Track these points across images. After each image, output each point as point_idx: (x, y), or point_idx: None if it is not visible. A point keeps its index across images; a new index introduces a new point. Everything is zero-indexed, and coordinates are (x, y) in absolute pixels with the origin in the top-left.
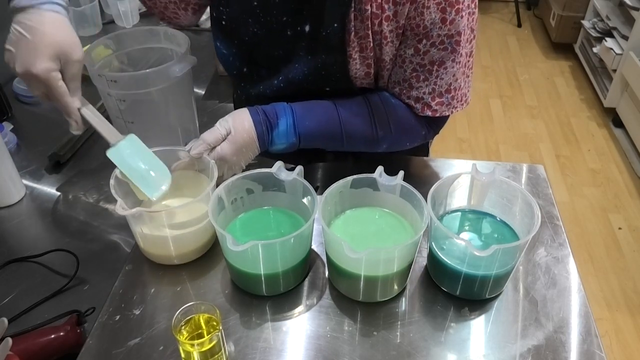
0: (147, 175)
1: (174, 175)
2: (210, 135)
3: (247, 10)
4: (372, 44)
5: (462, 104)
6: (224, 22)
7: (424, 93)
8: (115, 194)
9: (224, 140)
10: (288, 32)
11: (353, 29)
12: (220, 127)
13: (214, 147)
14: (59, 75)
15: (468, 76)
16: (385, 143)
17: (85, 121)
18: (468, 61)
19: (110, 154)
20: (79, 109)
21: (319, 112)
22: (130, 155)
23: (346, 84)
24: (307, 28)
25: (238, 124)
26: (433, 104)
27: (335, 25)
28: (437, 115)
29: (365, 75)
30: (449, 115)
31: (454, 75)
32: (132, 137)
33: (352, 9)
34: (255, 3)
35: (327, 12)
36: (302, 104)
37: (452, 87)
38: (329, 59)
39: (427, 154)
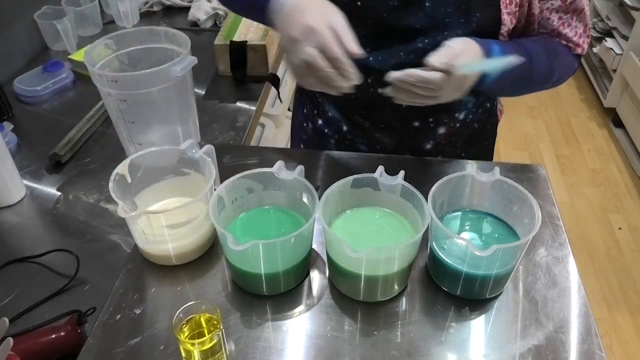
0: None
1: (172, 178)
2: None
3: None
4: None
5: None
6: (359, 3)
7: (572, 37)
8: (115, 196)
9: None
10: (426, 3)
11: None
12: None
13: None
14: None
15: None
16: (555, 75)
17: None
18: None
19: None
20: None
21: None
22: None
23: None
24: None
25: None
26: (580, 41)
27: None
28: (584, 52)
29: (510, 29)
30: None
31: (586, 17)
32: None
33: None
34: None
35: None
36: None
37: (587, 27)
38: (484, 15)
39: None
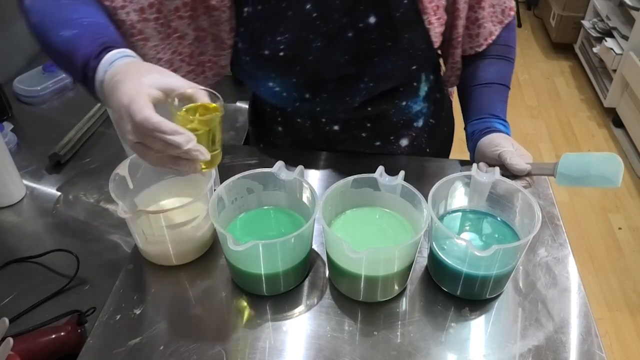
0: None
1: (172, 178)
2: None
3: (307, 26)
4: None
5: None
6: (282, 53)
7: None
8: (115, 196)
9: None
10: (349, 34)
11: None
12: None
13: None
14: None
15: None
16: (512, 62)
17: None
18: None
19: None
20: None
21: None
22: None
23: (430, 54)
24: (371, 20)
25: None
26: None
27: (405, 1)
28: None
29: (440, 38)
30: None
31: None
32: None
33: None
34: (315, 14)
35: None
36: None
37: None
38: (413, 35)
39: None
